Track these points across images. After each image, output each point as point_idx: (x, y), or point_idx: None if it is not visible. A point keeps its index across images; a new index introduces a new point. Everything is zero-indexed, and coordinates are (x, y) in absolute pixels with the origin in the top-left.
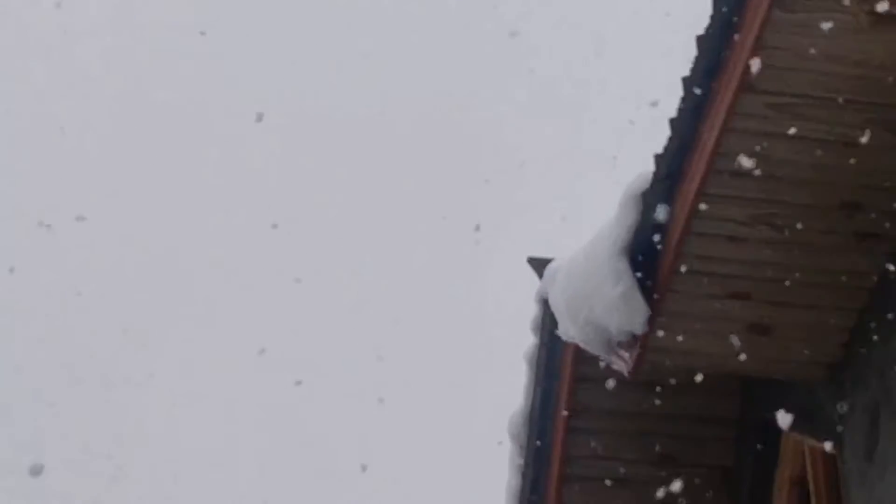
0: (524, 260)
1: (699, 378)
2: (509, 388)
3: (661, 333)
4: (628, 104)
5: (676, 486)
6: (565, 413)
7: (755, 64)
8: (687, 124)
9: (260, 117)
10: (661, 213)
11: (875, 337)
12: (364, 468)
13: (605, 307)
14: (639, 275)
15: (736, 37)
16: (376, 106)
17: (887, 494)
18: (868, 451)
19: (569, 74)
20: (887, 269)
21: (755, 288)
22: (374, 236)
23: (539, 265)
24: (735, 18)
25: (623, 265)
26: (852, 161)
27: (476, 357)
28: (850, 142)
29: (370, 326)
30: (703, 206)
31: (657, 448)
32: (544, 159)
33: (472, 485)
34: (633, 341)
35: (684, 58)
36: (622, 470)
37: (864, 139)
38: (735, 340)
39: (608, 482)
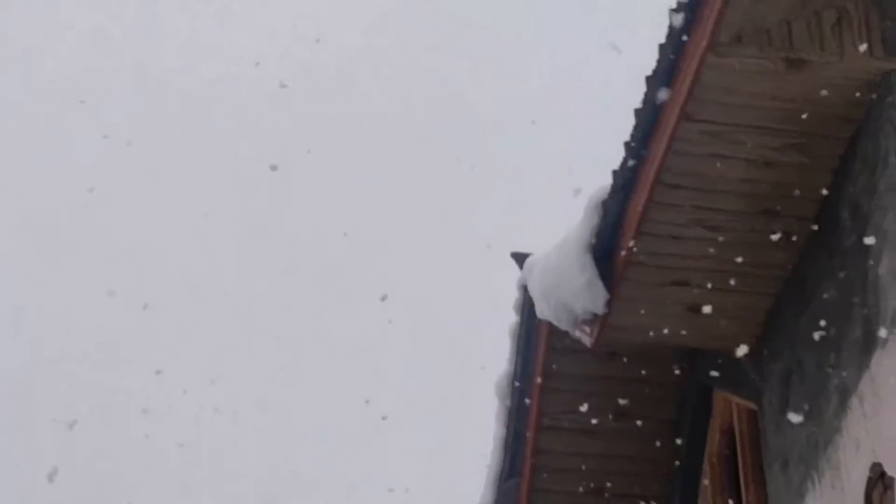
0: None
1: (648, 348)
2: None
3: (617, 313)
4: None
5: (631, 434)
6: (540, 377)
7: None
8: (638, 146)
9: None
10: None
11: (788, 317)
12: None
13: (573, 292)
14: (600, 267)
15: (677, 77)
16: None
17: (796, 443)
18: (782, 408)
19: None
20: (798, 263)
21: (693, 277)
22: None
23: (520, 259)
24: (677, 62)
25: (587, 259)
26: (771, 176)
27: (469, 335)
28: (768, 161)
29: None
30: (650, 213)
31: (615, 404)
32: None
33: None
34: (595, 319)
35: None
36: (586, 422)
37: (779, 158)
38: (676, 319)
39: (575, 432)
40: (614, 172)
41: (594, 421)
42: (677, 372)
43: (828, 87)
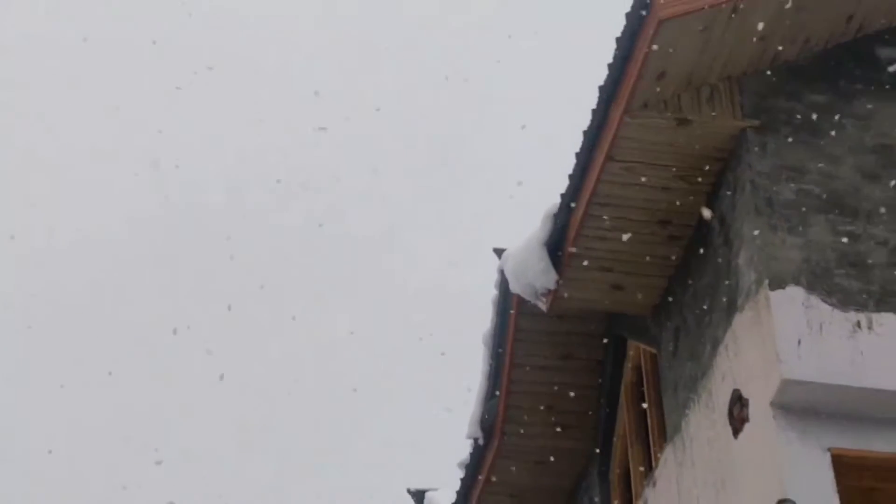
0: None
1: (585, 312)
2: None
3: (564, 289)
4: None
5: (572, 370)
6: (512, 331)
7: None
8: (578, 177)
9: None
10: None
11: (678, 291)
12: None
13: (534, 275)
14: (552, 257)
15: (604, 131)
16: None
17: (682, 375)
18: (674, 352)
19: None
20: (684, 255)
21: (615, 265)
22: None
23: (499, 252)
24: (604, 121)
25: (544, 252)
26: (666, 197)
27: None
28: (665, 186)
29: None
30: (586, 222)
31: (562, 350)
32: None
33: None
34: (549, 293)
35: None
36: (545, 362)
37: (672, 185)
38: (603, 293)
39: (535, 368)
40: (562, 195)
41: (549, 361)
42: (604, 328)
43: (704, 138)
